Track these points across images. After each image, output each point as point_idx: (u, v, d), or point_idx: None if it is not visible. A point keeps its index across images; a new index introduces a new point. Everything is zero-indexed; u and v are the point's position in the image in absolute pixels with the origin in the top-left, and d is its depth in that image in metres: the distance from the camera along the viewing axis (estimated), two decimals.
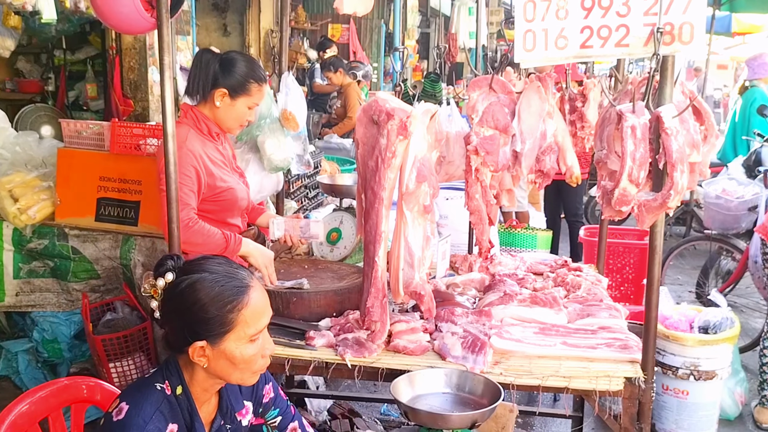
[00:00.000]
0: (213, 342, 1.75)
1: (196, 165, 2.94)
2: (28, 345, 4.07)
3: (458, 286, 3.37)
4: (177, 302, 1.76)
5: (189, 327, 1.75)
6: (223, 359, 1.77)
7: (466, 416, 2.23)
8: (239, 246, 3.00)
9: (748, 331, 5.43)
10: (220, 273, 1.78)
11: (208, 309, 1.74)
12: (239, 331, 1.76)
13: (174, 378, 1.80)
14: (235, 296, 1.76)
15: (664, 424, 4.07)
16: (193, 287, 1.75)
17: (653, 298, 2.52)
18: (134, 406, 1.72)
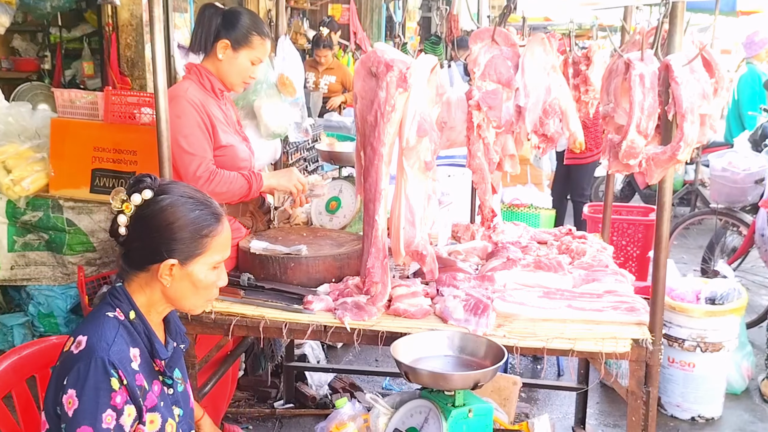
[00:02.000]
0: (183, 262, 1.80)
1: (199, 115, 2.87)
2: (23, 319, 4.00)
3: (460, 254, 3.29)
4: (154, 219, 1.80)
5: (165, 245, 1.79)
6: (187, 281, 1.83)
7: (468, 376, 2.15)
8: (261, 183, 3.02)
9: (755, 308, 5.35)
10: (198, 199, 1.85)
11: (185, 230, 1.79)
12: (209, 256, 1.83)
13: (124, 305, 1.82)
14: (211, 222, 1.83)
15: (670, 397, 4.00)
16: (172, 206, 1.80)
17: (662, 255, 2.44)
18: (93, 334, 1.73)
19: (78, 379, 1.66)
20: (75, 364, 1.68)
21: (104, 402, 1.66)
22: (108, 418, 1.66)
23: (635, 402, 2.42)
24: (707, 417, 3.97)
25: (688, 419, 3.97)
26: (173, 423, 1.89)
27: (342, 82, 8.01)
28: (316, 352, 4.36)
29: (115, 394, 1.67)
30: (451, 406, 2.16)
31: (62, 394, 1.66)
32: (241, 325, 2.59)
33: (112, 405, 1.66)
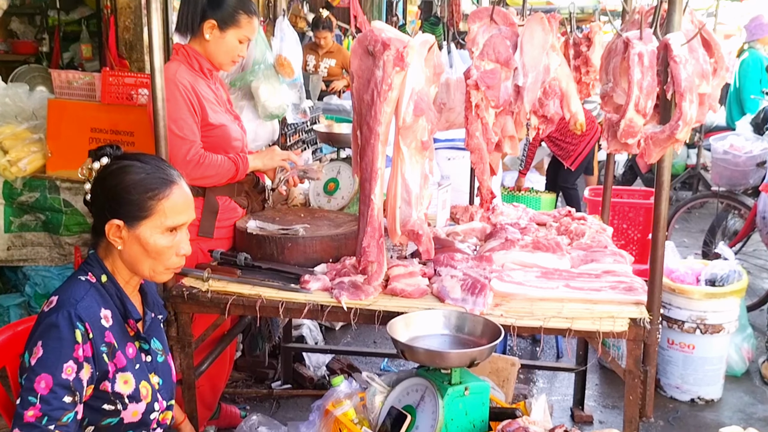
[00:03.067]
0: (129, 224, 1.80)
1: (187, 97, 2.85)
2: (20, 299, 4.00)
3: (459, 235, 3.28)
4: (104, 182, 1.83)
5: (110, 206, 1.81)
6: (137, 245, 1.82)
7: (464, 354, 2.14)
8: (247, 165, 3.03)
9: (756, 291, 5.34)
10: (151, 164, 1.87)
11: (130, 191, 1.80)
12: (156, 219, 1.82)
13: (96, 269, 1.85)
14: (159, 186, 1.83)
15: (669, 379, 4.00)
16: (121, 170, 1.82)
17: (660, 235, 2.43)
18: (63, 293, 1.78)
19: (45, 330, 1.71)
20: (44, 319, 1.73)
21: (67, 353, 1.69)
22: (68, 369, 1.69)
23: (633, 381, 2.42)
24: (707, 399, 3.97)
25: (687, 401, 3.97)
26: (148, 386, 1.91)
27: (342, 66, 7.97)
28: (314, 334, 4.36)
29: (78, 346, 1.71)
30: (447, 384, 2.15)
31: (32, 347, 1.70)
32: (238, 304, 2.58)
33: (74, 357, 1.70)
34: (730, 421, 3.66)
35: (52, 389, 1.67)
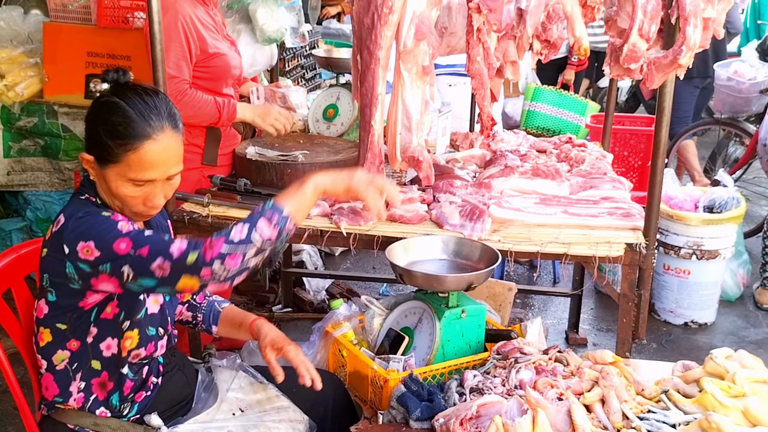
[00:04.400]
0: (98, 163, 1.77)
1: (186, 29, 2.80)
2: (21, 224, 4.03)
3: (458, 161, 3.28)
4: (91, 111, 1.80)
5: (87, 138, 1.79)
6: (104, 183, 1.79)
7: (461, 278, 2.18)
8: (234, 114, 2.93)
9: (754, 218, 5.38)
10: (136, 110, 1.74)
11: (102, 134, 1.73)
12: (121, 168, 1.75)
13: (90, 190, 1.83)
14: (131, 138, 1.73)
15: (664, 303, 4.07)
16: (105, 106, 1.76)
17: (659, 160, 2.43)
18: (68, 209, 1.77)
19: (77, 235, 1.68)
20: (64, 231, 1.70)
21: (111, 222, 1.70)
22: (124, 226, 1.70)
23: (627, 304, 2.46)
24: (700, 322, 4.05)
25: (681, 324, 4.05)
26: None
27: None
28: (313, 259, 4.41)
29: (113, 216, 1.73)
30: (444, 307, 2.19)
31: (75, 257, 1.67)
32: None
33: (119, 220, 1.72)
34: (723, 344, 3.74)
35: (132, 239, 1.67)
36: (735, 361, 1.99)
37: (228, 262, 1.63)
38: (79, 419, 1.84)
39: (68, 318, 1.79)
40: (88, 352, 1.82)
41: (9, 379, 1.82)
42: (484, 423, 1.77)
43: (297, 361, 1.99)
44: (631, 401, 1.91)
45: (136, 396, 1.90)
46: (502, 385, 1.96)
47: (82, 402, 1.84)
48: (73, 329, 1.80)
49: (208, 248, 1.63)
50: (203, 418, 1.99)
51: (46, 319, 1.80)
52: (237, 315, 2.21)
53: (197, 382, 2.12)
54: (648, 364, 2.19)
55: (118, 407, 1.88)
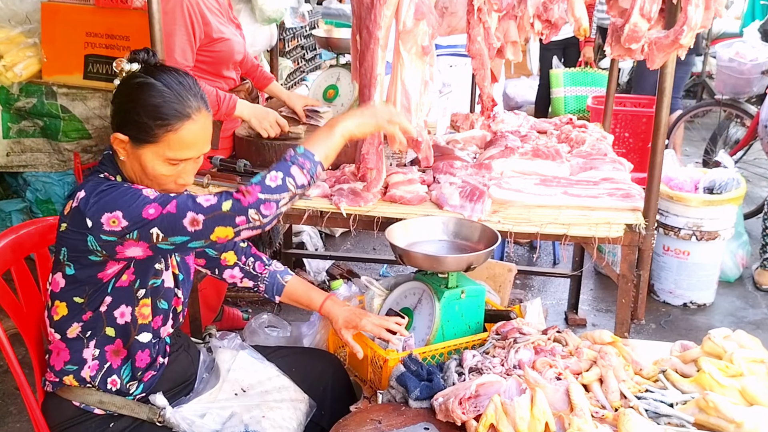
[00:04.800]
0: (133, 142, 1.77)
1: (191, 13, 2.78)
2: (21, 205, 4.03)
3: (459, 143, 3.28)
4: (124, 91, 1.79)
5: (121, 117, 1.78)
6: (137, 163, 1.80)
7: (461, 258, 2.18)
8: (233, 110, 2.91)
9: (754, 199, 5.38)
10: (173, 90, 1.77)
11: (141, 113, 1.74)
12: (160, 148, 1.77)
13: (110, 168, 1.83)
14: (171, 117, 1.75)
15: (663, 284, 4.08)
16: (141, 87, 1.76)
17: (659, 141, 2.43)
18: (87, 185, 1.76)
19: (100, 208, 1.68)
20: (85, 207, 1.70)
21: (135, 190, 1.71)
22: (148, 192, 1.71)
23: (626, 285, 2.47)
24: (699, 303, 4.06)
25: (680, 305, 4.07)
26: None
27: None
28: (314, 240, 4.41)
29: (134, 185, 1.75)
30: (444, 287, 2.20)
31: (99, 229, 1.68)
32: None
33: (141, 187, 1.73)
34: (721, 324, 3.75)
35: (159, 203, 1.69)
36: (733, 341, 2.00)
37: (263, 209, 1.68)
38: (85, 396, 1.85)
39: (86, 291, 1.80)
40: (103, 319, 1.83)
41: (9, 359, 1.82)
42: (483, 402, 1.78)
43: (376, 333, 2.08)
44: (629, 381, 1.91)
45: (144, 375, 1.92)
46: (501, 365, 1.97)
47: (96, 369, 1.84)
48: (89, 302, 1.81)
49: (243, 196, 1.67)
50: (206, 398, 2.00)
51: (62, 292, 1.81)
52: (302, 294, 2.23)
53: (199, 362, 2.13)
54: (646, 344, 2.20)
55: (127, 381, 1.89)
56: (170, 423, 1.87)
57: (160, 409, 1.88)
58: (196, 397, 2.01)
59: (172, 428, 1.87)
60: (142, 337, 1.89)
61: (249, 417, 1.90)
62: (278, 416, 1.97)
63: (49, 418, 1.88)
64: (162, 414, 1.87)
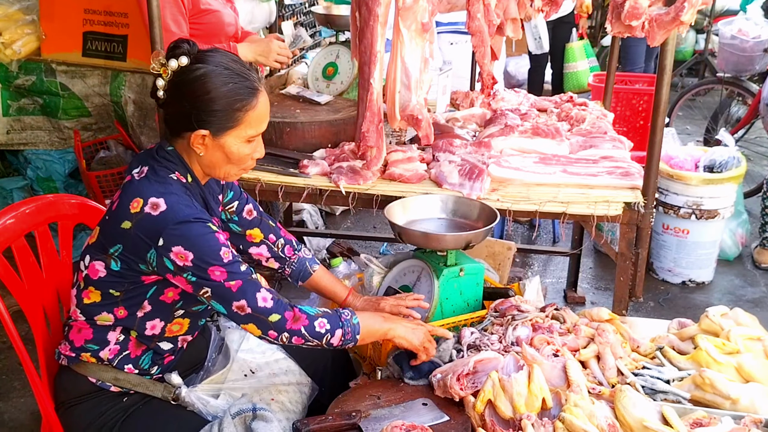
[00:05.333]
0: (215, 134, 1.78)
1: None
2: (22, 183, 4.04)
3: (458, 121, 3.27)
4: (188, 88, 1.76)
5: (196, 115, 1.76)
6: (220, 152, 1.81)
7: (460, 236, 2.19)
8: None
9: (755, 178, 5.37)
10: (234, 71, 1.77)
11: (218, 102, 1.74)
12: (242, 130, 1.79)
13: (180, 168, 1.83)
14: (246, 96, 1.77)
15: (662, 262, 4.09)
16: (207, 77, 1.74)
17: (659, 119, 2.42)
18: (168, 195, 1.74)
19: (179, 237, 1.70)
20: (164, 226, 1.70)
21: (214, 243, 1.73)
22: (226, 254, 1.74)
23: (624, 263, 2.48)
24: (698, 281, 4.07)
25: (678, 283, 4.08)
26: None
27: None
28: (314, 219, 4.42)
29: (217, 234, 1.75)
30: (443, 265, 2.21)
31: (165, 252, 1.70)
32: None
33: (222, 243, 1.74)
34: (720, 302, 3.75)
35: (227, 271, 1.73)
36: (730, 318, 2.01)
37: (294, 339, 1.81)
38: (101, 373, 1.86)
39: (124, 286, 1.81)
40: (135, 324, 1.85)
41: (12, 336, 1.83)
42: (481, 378, 1.79)
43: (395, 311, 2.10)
44: (627, 358, 1.93)
45: (164, 361, 1.94)
46: (499, 342, 1.98)
47: (116, 353, 1.86)
48: (125, 298, 1.82)
49: (292, 321, 1.79)
50: (217, 378, 2.02)
51: (100, 281, 1.81)
52: (327, 285, 2.25)
53: (210, 341, 2.16)
54: (644, 322, 2.21)
55: (147, 368, 1.91)
56: (185, 402, 1.88)
57: (175, 388, 1.90)
58: (208, 377, 2.03)
59: (186, 407, 1.89)
60: (164, 345, 1.92)
61: (259, 399, 1.93)
62: (285, 399, 2.01)
63: (64, 392, 1.89)
64: (177, 393, 1.89)
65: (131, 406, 1.87)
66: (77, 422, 1.85)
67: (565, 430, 1.57)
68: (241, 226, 2.16)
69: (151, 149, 1.87)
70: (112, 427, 1.83)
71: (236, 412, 1.80)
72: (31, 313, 1.93)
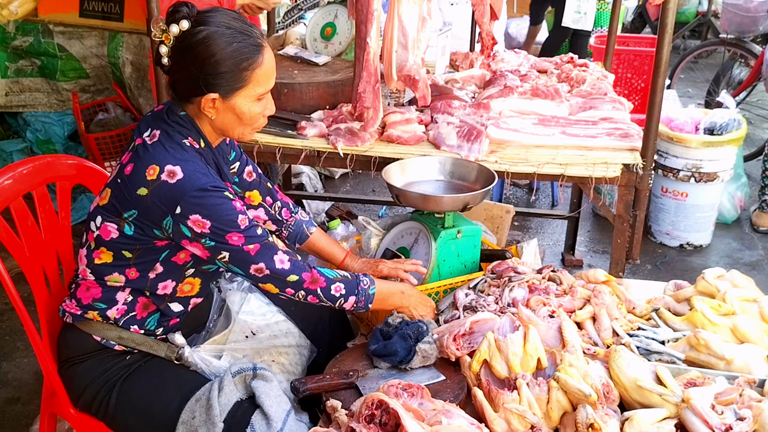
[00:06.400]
0: (225, 96, 1.76)
1: None
2: (22, 145, 4.03)
3: (457, 82, 3.25)
4: (192, 53, 1.73)
5: (204, 79, 1.74)
6: (231, 113, 1.80)
7: (457, 198, 2.19)
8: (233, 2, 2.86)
9: (755, 141, 5.36)
10: (236, 29, 1.74)
11: (224, 63, 1.72)
12: (251, 89, 1.77)
13: (193, 133, 1.82)
14: (251, 54, 1.74)
15: (660, 225, 4.09)
16: (210, 39, 1.72)
17: (660, 79, 2.41)
18: (185, 163, 1.73)
19: (196, 206, 1.70)
20: (182, 194, 1.70)
21: (231, 212, 1.74)
22: (243, 221, 1.75)
23: (622, 225, 2.48)
24: (696, 244, 4.08)
25: (676, 247, 4.09)
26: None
27: None
28: (313, 182, 4.42)
29: (234, 202, 1.76)
30: (440, 227, 2.21)
31: (182, 220, 1.71)
32: None
33: (238, 211, 1.75)
34: (717, 265, 3.76)
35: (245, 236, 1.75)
36: (726, 280, 2.02)
37: (310, 298, 1.87)
38: (105, 332, 1.87)
39: (137, 249, 1.81)
40: (147, 285, 1.85)
41: (13, 297, 1.84)
42: (477, 339, 1.81)
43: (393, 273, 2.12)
44: (622, 319, 1.94)
45: (170, 323, 1.95)
46: (495, 303, 1.99)
47: (123, 314, 1.87)
48: (137, 260, 1.82)
49: (310, 281, 1.84)
50: (219, 339, 2.04)
51: (112, 243, 1.81)
52: (324, 247, 2.26)
53: (212, 303, 2.17)
54: (640, 284, 2.23)
55: (152, 329, 1.92)
56: (187, 362, 1.90)
57: (178, 348, 1.91)
58: (210, 338, 2.05)
59: (189, 366, 1.91)
60: (174, 306, 1.93)
61: (260, 360, 1.95)
62: (286, 361, 2.03)
63: (67, 349, 1.90)
64: (180, 353, 1.90)
65: (134, 363, 1.89)
66: (80, 379, 1.87)
67: (559, 389, 1.59)
68: (241, 187, 2.16)
69: (161, 111, 1.85)
70: (114, 384, 1.86)
71: (236, 371, 1.82)
72: (31, 275, 1.93)
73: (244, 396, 1.80)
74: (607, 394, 1.59)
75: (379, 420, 1.43)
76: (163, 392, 1.84)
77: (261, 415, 1.74)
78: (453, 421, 1.46)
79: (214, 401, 1.76)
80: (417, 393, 1.57)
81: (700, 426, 1.49)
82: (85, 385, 1.87)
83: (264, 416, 1.73)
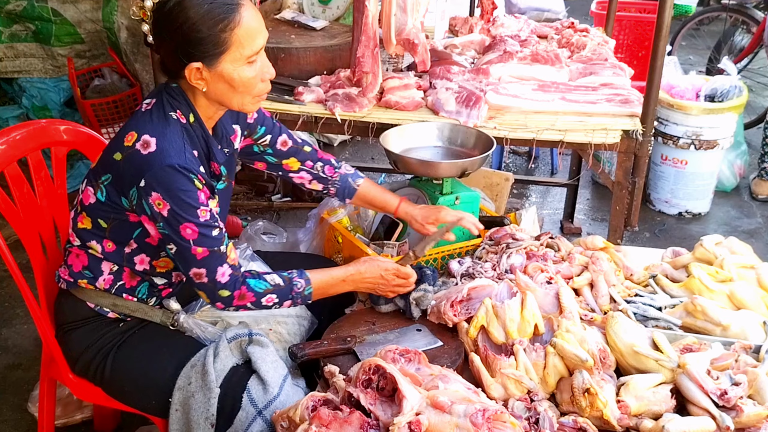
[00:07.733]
0: (209, 63, 1.68)
1: None
2: (18, 111, 3.99)
3: (457, 47, 3.22)
4: (166, 23, 1.66)
5: (182, 48, 1.67)
6: (222, 82, 1.72)
7: (455, 164, 2.18)
8: None
9: (756, 109, 5.32)
10: None
11: (199, 28, 1.64)
12: (234, 52, 1.68)
13: (183, 106, 1.77)
14: (226, 14, 1.64)
15: (660, 193, 4.08)
16: (180, 5, 1.64)
17: (660, 44, 2.38)
18: (161, 137, 1.69)
19: (160, 183, 1.66)
20: (149, 168, 1.66)
21: (194, 200, 1.69)
22: (203, 212, 1.70)
23: (620, 192, 2.47)
24: (694, 212, 4.08)
25: (675, 214, 4.08)
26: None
27: None
28: None
29: (200, 192, 1.70)
30: (438, 193, 2.21)
31: (145, 195, 1.67)
32: None
33: (201, 202, 1.70)
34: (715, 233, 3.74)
35: (199, 233, 1.70)
36: (724, 247, 2.02)
37: (240, 310, 1.84)
38: (99, 299, 1.87)
39: (111, 219, 1.79)
40: (123, 259, 1.84)
41: (9, 264, 1.84)
42: (475, 305, 1.81)
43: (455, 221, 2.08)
44: (620, 285, 1.95)
45: (162, 293, 1.94)
46: (493, 270, 1.99)
47: (111, 283, 1.86)
48: (112, 231, 1.80)
49: (238, 299, 1.80)
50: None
51: (90, 208, 1.80)
52: (376, 196, 2.20)
53: None
54: (638, 251, 2.22)
55: (144, 298, 1.91)
56: (183, 328, 1.90)
57: (173, 314, 1.91)
58: (206, 305, 2.04)
59: (184, 332, 1.91)
60: (158, 279, 1.91)
61: (257, 329, 1.94)
62: (284, 331, 2.02)
63: (63, 315, 1.90)
64: (175, 318, 1.90)
65: (129, 329, 1.89)
66: (76, 345, 1.88)
67: (556, 354, 1.59)
68: (277, 156, 2.12)
69: (168, 81, 1.80)
70: (109, 351, 1.86)
71: (232, 337, 1.82)
72: (27, 241, 1.92)
73: (239, 361, 1.80)
74: (604, 359, 1.60)
75: (377, 385, 1.44)
76: (159, 358, 1.84)
77: (257, 380, 1.74)
78: (450, 386, 1.46)
79: (209, 366, 1.76)
80: (414, 358, 1.57)
81: (695, 391, 1.50)
82: (81, 351, 1.87)
83: (260, 381, 1.73)
